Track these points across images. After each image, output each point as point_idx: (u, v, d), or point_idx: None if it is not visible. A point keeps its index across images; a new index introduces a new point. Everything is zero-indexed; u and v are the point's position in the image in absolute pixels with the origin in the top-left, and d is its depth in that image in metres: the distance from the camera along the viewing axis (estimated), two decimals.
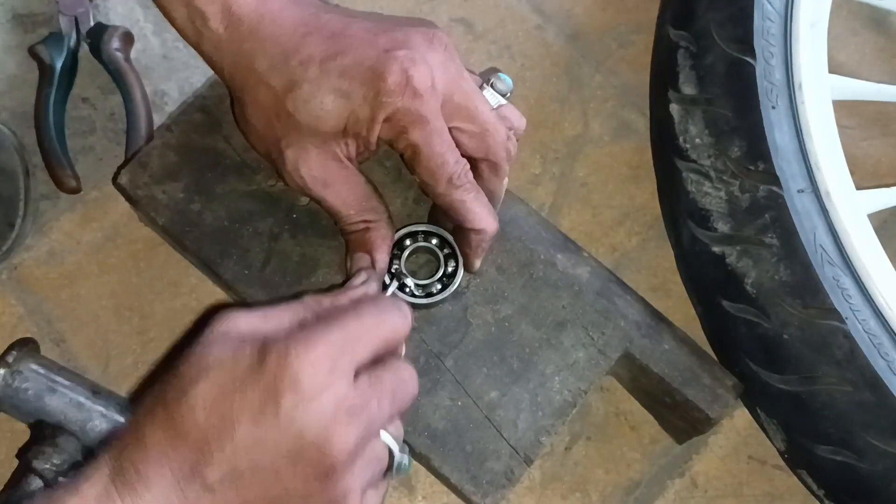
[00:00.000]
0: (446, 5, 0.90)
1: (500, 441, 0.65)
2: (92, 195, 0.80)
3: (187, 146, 0.71)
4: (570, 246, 0.72)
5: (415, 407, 0.63)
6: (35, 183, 0.79)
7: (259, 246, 0.69)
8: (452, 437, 0.65)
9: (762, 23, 0.72)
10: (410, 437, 0.65)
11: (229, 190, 0.70)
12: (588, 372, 0.67)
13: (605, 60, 0.89)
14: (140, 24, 0.86)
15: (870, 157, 0.88)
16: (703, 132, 0.71)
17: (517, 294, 0.69)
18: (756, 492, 0.76)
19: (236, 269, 0.68)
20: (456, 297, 0.68)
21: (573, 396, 0.67)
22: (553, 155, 0.85)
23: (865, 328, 0.65)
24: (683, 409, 0.69)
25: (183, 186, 0.70)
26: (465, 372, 0.67)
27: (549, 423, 0.66)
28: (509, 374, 0.67)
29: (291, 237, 0.69)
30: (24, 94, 0.82)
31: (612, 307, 0.69)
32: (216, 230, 0.69)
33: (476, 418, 0.66)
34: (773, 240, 0.67)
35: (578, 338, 0.68)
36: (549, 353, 0.68)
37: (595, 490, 0.75)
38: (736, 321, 0.68)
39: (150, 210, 0.69)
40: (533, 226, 0.72)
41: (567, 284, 0.69)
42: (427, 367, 0.67)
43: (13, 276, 0.77)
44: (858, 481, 0.65)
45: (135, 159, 0.70)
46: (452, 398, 0.66)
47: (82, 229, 0.79)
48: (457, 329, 0.68)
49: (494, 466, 0.65)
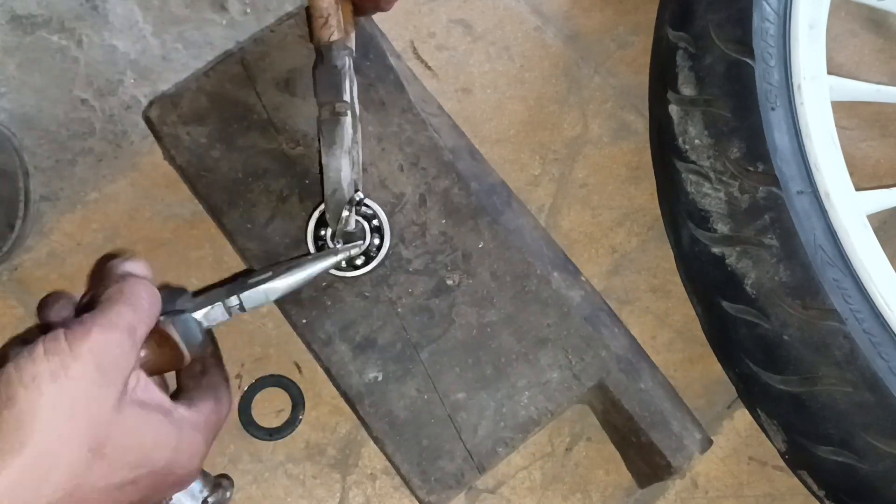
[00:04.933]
0: (445, 6, 0.90)
1: (457, 442, 0.65)
2: (92, 196, 0.80)
3: (220, 94, 0.72)
4: (570, 267, 0.72)
5: (382, 391, 0.66)
6: (34, 184, 0.78)
7: (267, 203, 0.70)
8: (411, 428, 0.66)
9: (761, 24, 0.72)
10: (370, 417, 0.66)
11: (250, 144, 0.71)
12: (559, 394, 0.67)
13: (604, 61, 0.89)
14: (139, 25, 0.86)
15: (869, 158, 0.88)
16: (702, 133, 0.71)
17: (506, 303, 0.69)
18: (756, 492, 0.76)
19: (240, 221, 0.70)
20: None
21: (539, 415, 0.67)
22: (552, 156, 0.85)
23: (865, 329, 0.65)
24: (647, 451, 0.68)
25: (207, 132, 0.71)
26: (437, 367, 0.67)
27: (509, 435, 0.66)
28: (481, 378, 0.67)
29: (300, 201, 0.70)
30: (23, 95, 0.82)
31: (596, 335, 0.69)
32: (229, 180, 0.70)
33: (439, 415, 0.66)
34: (772, 241, 0.67)
35: (557, 358, 0.68)
36: (524, 367, 0.68)
37: (596, 491, 0.75)
38: (736, 322, 0.68)
39: (172, 148, 0.71)
40: (536, 240, 0.72)
41: (557, 304, 0.69)
42: (401, 356, 0.67)
43: (13, 277, 0.77)
44: (859, 482, 0.65)
45: (167, 96, 0.72)
46: (420, 390, 0.67)
47: (82, 230, 0.79)
48: (439, 324, 0.68)
49: (446, 466, 0.65)
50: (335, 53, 0.64)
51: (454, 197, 0.72)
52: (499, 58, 0.88)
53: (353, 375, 0.67)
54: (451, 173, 0.72)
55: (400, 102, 0.74)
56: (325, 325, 0.68)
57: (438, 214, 0.71)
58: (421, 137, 0.73)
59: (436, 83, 0.86)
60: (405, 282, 0.69)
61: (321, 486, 0.74)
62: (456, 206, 0.71)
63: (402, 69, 0.76)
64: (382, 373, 0.67)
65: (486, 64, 0.88)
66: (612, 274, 0.81)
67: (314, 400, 0.75)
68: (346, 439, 0.75)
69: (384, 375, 0.67)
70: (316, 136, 0.72)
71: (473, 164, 0.75)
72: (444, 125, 0.75)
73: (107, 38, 0.85)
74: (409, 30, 0.89)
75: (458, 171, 0.72)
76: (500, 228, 0.71)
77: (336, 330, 0.68)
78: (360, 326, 0.68)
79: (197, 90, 0.72)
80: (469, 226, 0.71)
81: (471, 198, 0.71)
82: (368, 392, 0.67)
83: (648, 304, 0.81)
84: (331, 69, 0.64)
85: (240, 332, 0.76)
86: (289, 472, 0.74)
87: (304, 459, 0.74)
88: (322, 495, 0.73)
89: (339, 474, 0.74)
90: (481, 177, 0.74)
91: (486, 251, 0.70)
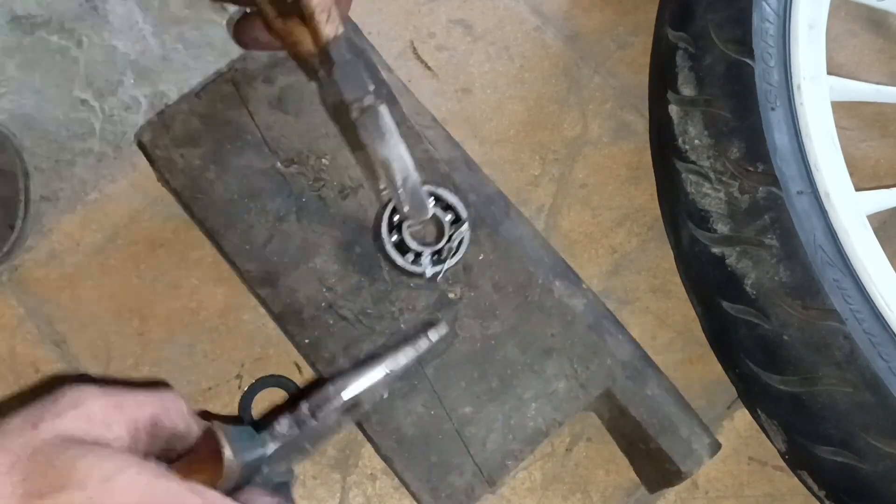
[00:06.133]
0: (445, 6, 0.90)
1: (465, 457, 0.65)
2: (92, 197, 0.80)
3: (212, 115, 0.72)
4: (571, 276, 0.72)
5: (388, 408, 0.64)
6: (34, 184, 0.78)
7: (264, 224, 0.69)
8: (420, 444, 0.65)
9: (761, 24, 0.72)
10: (378, 435, 0.65)
11: (245, 165, 0.71)
12: (566, 404, 0.67)
13: (604, 62, 0.89)
14: (139, 25, 0.86)
15: (869, 159, 0.88)
16: (702, 133, 0.71)
17: (509, 314, 0.69)
18: (757, 493, 0.76)
19: (238, 242, 0.69)
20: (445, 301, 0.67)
21: (546, 426, 0.66)
22: (552, 156, 0.85)
23: (865, 329, 0.65)
24: (656, 458, 0.68)
25: (201, 154, 0.71)
26: (443, 382, 0.67)
27: (517, 447, 0.66)
28: (487, 391, 0.67)
29: (297, 220, 0.70)
30: (23, 95, 0.82)
31: (601, 343, 0.68)
32: (225, 202, 0.70)
33: (446, 430, 0.65)
34: (772, 241, 0.67)
35: (562, 368, 0.68)
36: (530, 378, 0.67)
37: (596, 491, 0.75)
38: (736, 322, 0.68)
39: (166, 171, 0.71)
40: (537, 249, 0.72)
41: (560, 313, 0.69)
42: (406, 372, 0.66)
43: (14, 278, 0.77)
44: (859, 482, 0.65)
45: (159, 119, 0.72)
46: (426, 406, 0.66)
47: (82, 231, 0.79)
48: (443, 338, 0.67)
49: (456, 481, 0.64)
50: (345, 46, 0.59)
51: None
52: (499, 58, 0.88)
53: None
54: (448, 186, 0.71)
55: (393, 116, 0.73)
56: (328, 345, 0.67)
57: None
58: (416, 151, 0.72)
59: (436, 83, 0.86)
60: (406, 297, 0.69)
61: (321, 486, 0.74)
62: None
63: (394, 82, 0.75)
64: (388, 390, 0.66)
65: (485, 64, 0.88)
66: (612, 274, 0.81)
67: None
68: (346, 439, 0.75)
69: (390, 392, 0.66)
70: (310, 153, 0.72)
71: (470, 174, 0.74)
72: (438, 137, 0.75)
73: (107, 39, 0.85)
74: (409, 30, 0.89)
75: (455, 183, 0.72)
76: (500, 239, 0.70)
77: (339, 349, 0.67)
78: (363, 344, 0.67)
79: (189, 112, 0.72)
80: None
81: (469, 209, 0.71)
82: (375, 410, 0.66)
83: (648, 305, 0.81)
84: (348, 65, 0.58)
85: (240, 332, 0.76)
86: None
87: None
88: (322, 495, 0.73)
89: (339, 474, 0.74)
90: (478, 187, 0.74)
91: (486, 262, 0.70)
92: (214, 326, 0.76)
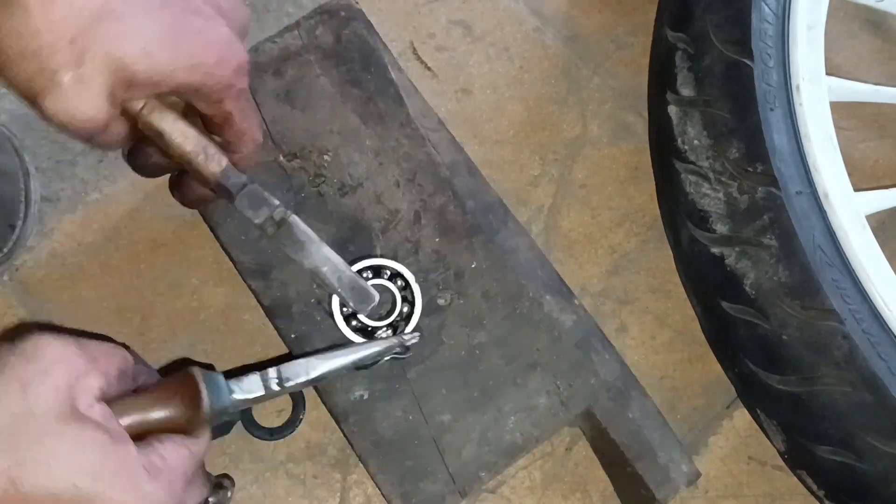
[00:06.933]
0: (445, 7, 0.90)
1: (440, 465, 0.65)
2: (93, 197, 0.80)
3: None
4: (563, 290, 0.72)
5: (367, 409, 0.65)
6: (35, 185, 0.79)
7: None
8: (396, 448, 0.65)
9: (760, 25, 0.72)
10: (354, 436, 0.65)
11: None
12: (545, 420, 0.66)
13: (603, 62, 0.90)
14: None
15: (868, 159, 0.88)
16: (701, 134, 0.71)
17: (496, 325, 0.69)
18: (756, 492, 0.76)
19: (234, 233, 0.70)
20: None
21: (524, 441, 0.66)
22: (552, 157, 0.85)
23: (864, 329, 0.65)
24: (634, 481, 0.68)
25: None
26: (424, 388, 0.67)
27: (493, 459, 0.65)
28: (468, 401, 0.67)
29: (295, 214, 0.70)
30: None
31: (586, 361, 0.68)
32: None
33: (423, 436, 0.65)
34: (771, 241, 0.67)
35: (545, 383, 0.67)
36: (511, 390, 0.67)
37: (596, 490, 0.75)
38: (735, 322, 0.69)
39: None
40: (530, 261, 0.72)
41: (548, 328, 0.69)
42: (388, 375, 0.67)
43: (14, 278, 0.77)
44: (858, 482, 0.65)
45: None
46: (405, 410, 0.66)
47: (83, 231, 0.79)
48: (428, 343, 0.67)
49: (428, 488, 0.64)
50: (233, 175, 0.60)
51: (449, 215, 0.71)
52: (498, 58, 0.88)
53: (339, 393, 0.66)
54: (448, 191, 0.72)
55: (399, 116, 0.74)
56: (314, 341, 0.67)
57: (433, 232, 0.71)
58: (419, 153, 0.73)
59: (436, 84, 0.87)
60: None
61: (322, 485, 0.74)
62: (451, 224, 0.71)
63: (402, 83, 0.76)
64: (368, 391, 0.66)
65: (485, 65, 0.88)
66: (611, 274, 0.82)
67: (315, 400, 0.75)
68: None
69: (370, 394, 0.66)
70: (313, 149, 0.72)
71: (471, 180, 0.74)
72: (442, 140, 0.75)
73: None
74: (409, 31, 0.89)
75: (454, 188, 0.72)
76: (495, 248, 0.70)
77: (325, 345, 0.67)
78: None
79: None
80: (463, 244, 0.71)
81: (466, 216, 0.71)
82: (354, 410, 0.66)
83: (648, 304, 0.81)
84: (244, 189, 0.61)
85: (240, 332, 0.76)
86: (289, 472, 0.74)
87: (304, 459, 0.74)
88: (322, 495, 0.74)
89: (339, 474, 0.74)
90: (478, 194, 0.74)
91: (478, 271, 0.70)
92: (215, 326, 0.76)
